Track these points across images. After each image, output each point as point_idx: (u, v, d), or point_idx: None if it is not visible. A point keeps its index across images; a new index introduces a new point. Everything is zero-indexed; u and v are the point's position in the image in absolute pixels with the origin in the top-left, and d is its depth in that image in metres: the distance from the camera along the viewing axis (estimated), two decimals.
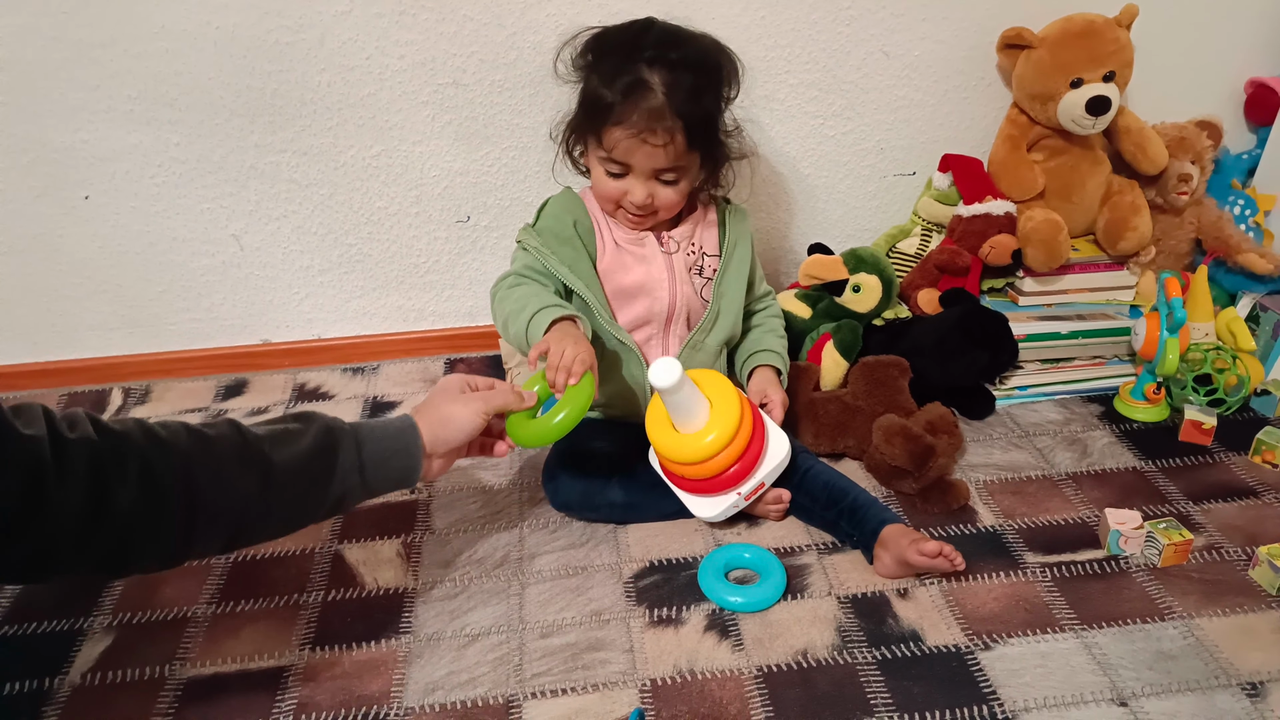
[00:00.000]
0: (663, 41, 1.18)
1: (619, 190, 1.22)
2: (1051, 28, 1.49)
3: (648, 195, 1.21)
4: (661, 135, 1.15)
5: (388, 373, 1.69)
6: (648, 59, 1.15)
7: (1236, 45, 1.65)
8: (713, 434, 1.14)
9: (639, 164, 1.19)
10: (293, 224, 1.60)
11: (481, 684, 1.04)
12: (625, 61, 1.16)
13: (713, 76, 1.21)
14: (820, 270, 1.52)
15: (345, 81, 1.48)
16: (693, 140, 1.18)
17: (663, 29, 1.21)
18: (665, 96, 1.14)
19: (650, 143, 1.16)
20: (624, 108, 1.15)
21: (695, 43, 1.21)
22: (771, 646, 1.07)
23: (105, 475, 0.82)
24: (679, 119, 1.15)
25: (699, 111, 1.17)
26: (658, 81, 1.14)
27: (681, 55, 1.17)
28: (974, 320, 1.44)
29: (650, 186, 1.21)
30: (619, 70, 1.16)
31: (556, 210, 1.29)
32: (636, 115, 1.15)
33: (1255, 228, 1.63)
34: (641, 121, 1.15)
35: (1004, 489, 1.33)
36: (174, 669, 1.08)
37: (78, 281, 1.61)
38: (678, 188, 1.23)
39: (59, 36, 1.40)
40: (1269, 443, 1.34)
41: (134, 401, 1.63)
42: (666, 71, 1.15)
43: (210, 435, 0.92)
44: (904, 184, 1.71)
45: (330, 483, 0.97)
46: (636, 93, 1.14)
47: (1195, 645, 1.06)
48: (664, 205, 1.24)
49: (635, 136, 1.16)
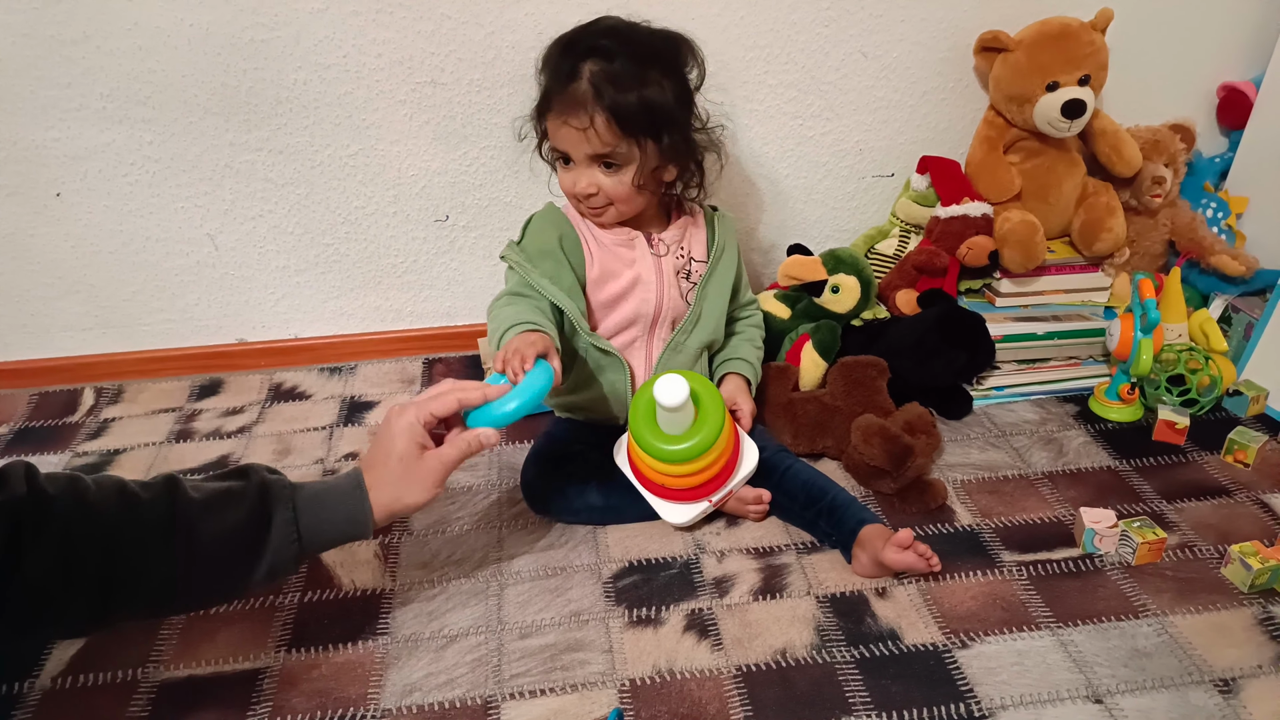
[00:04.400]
0: (602, 32, 1.20)
1: (569, 181, 1.24)
2: (1028, 31, 1.50)
3: (590, 183, 1.21)
4: (582, 118, 1.16)
5: (365, 373, 1.68)
6: (583, 50, 1.18)
7: (1209, 50, 1.67)
8: (703, 448, 1.15)
9: (571, 149, 1.20)
10: (269, 223, 1.59)
11: (460, 685, 1.04)
12: (564, 53, 1.19)
13: (652, 62, 1.20)
14: (799, 271, 1.52)
15: (321, 80, 1.47)
16: (624, 125, 1.17)
17: (610, 23, 1.22)
18: (590, 82, 1.16)
19: (572, 125, 1.17)
20: (554, 95, 1.18)
21: (638, 33, 1.22)
22: (750, 646, 1.08)
23: (20, 539, 0.80)
24: (602, 102, 1.16)
25: (629, 97, 1.17)
26: (586, 69, 1.16)
27: (616, 43, 1.18)
28: (951, 321, 1.45)
29: (591, 174, 1.21)
30: (558, 62, 1.19)
31: (540, 225, 1.29)
32: (561, 100, 1.17)
33: (1228, 230, 1.65)
34: (566, 105, 1.17)
35: (981, 488, 1.33)
36: (148, 672, 1.06)
37: (50, 281, 1.59)
38: (620, 177, 1.21)
39: (30, 33, 1.39)
40: (1241, 442, 1.36)
41: (106, 402, 1.61)
42: (596, 58, 1.17)
43: (142, 501, 0.88)
44: (882, 185, 1.71)
45: (261, 556, 0.93)
46: (567, 81, 1.17)
47: (1169, 642, 1.07)
48: (614, 196, 1.23)
49: (561, 120, 1.18)
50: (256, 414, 1.57)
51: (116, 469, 1.43)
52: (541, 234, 1.27)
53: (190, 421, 1.55)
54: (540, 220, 1.30)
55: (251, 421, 1.55)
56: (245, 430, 1.52)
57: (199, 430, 1.53)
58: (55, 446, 1.50)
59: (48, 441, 1.51)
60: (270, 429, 1.52)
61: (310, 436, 1.50)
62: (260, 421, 1.55)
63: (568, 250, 1.26)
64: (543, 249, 1.26)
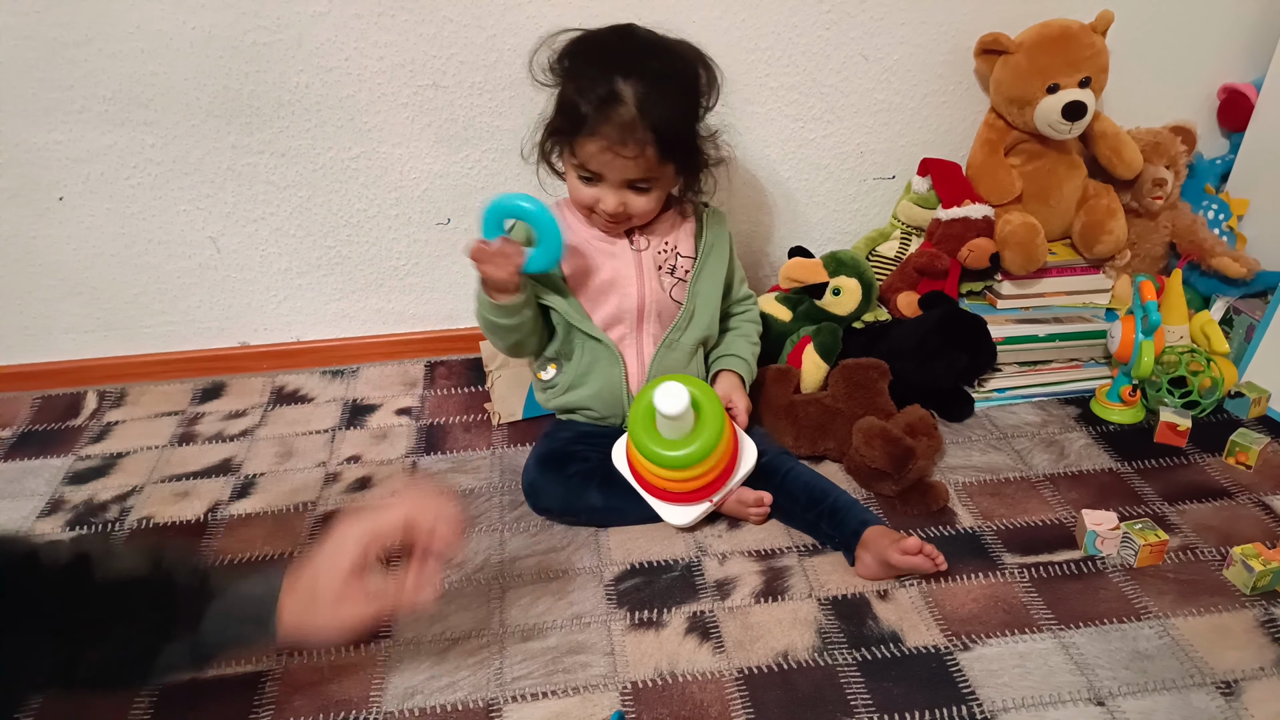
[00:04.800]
0: (638, 51, 1.18)
1: (592, 197, 1.23)
2: (1028, 33, 1.50)
3: (619, 204, 1.22)
4: (633, 148, 1.15)
5: (367, 375, 1.68)
6: (622, 70, 1.15)
7: (1210, 52, 1.67)
8: (703, 453, 1.15)
9: (611, 175, 1.19)
10: (271, 226, 1.59)
11: (461, 688, 1.04)
12: (600, 72, 1.16)
13: (688, 86, 1.21)
14: (800, 273, 1.52)
15: (323, 83, 1.47)
16: (665, 151, 1.18)
17: (640, 37, 1.21)
18: (638, 110, 1.14)
19: (622, 155, 1.16)
20: (596, 120, 1.15)
21: (671, 52, 1.21)
22: (752, 648, 1.08)
23: None
24: (650, 132, 1.15)
25: (672, 123, 1.17)
26: (630, 94, 1.14)
27: (657, 66, 1.17)
28: (953, 323, 1.45)
29: (622, 195, 1.22)
30: (594, 81, 1.15)
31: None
32: (608, 128, 1.15)
33: (1229, 232, 1.64)
34: (614, 134, 1.15)
35: (983, 490, 1.33)
36: None
37: (52, 284, 1.60)
38: (650, 195, 1.23)
39: (32, 35, 1.39)
40: (1243, 444, 1.36)
41: (109, 405, 1.61)
42: (640, 83, 1.14)
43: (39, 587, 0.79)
44: (883, 187, 1.71)
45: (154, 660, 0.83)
46: (610, 106, 1.14)
47: (1171, 645, 1.07)
48: (638, 212, 1.24)
49: (607, 149, 1.16)
50: (259, 417, 1.57)
51: (119, 472, 1.44)
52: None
53: (193, 425, 1.55)
54: None
55: (254, 425, 1.55)
56: (247, 433, 1.52)
57: (201, 433, 1.53)
58: (58, 450, 1.50)
59: (50, 445, 1.51)
60: (272, 432, 1.53)
61: (312, 439, 1.50)
62: (262, 424, 1.55)
63: None
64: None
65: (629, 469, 1.24)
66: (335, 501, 1.35)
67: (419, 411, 1.57)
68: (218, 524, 1.31)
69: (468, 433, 1.51)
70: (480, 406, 1.57)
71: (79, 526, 1.32)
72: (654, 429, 1.17)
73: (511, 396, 1.54)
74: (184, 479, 1.42)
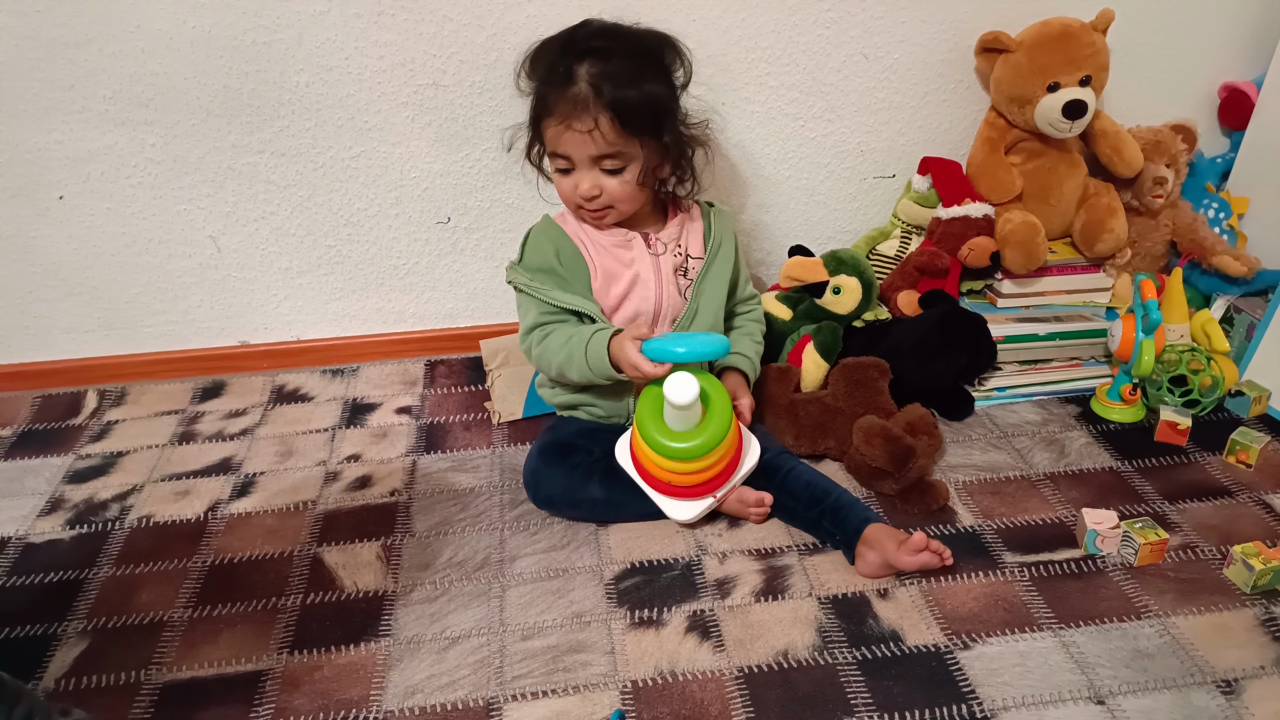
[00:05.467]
0: (591, 35, 1.21)
1: (570, 186, 1.24)
2: (1029, 32, 1.50)
3: (593, 186, 1.23)
4: (586, 121, 1.17)
5: (367, 375, 1.69)
6: (575, 53, 1.18)
7: (1210, 50, 1.67)
8: (710, 445, 1.15)
9: (574, 153, 1.21)
10: (271, 225, 1.59)
11: (462, 687, 1.04)
12: (557, 58, 1.20)
13: (646, 61, 1.22)
14: (800, 272, 1.52)
15: (323, 82, 1.47)
16: (626, 124, 1.19)
17: (597, 25, 1.24)
18: (589, 83, 1.16)
19: (576, 129, 1.18)
20: (553, 100, 1.18)
21: (627, 33, 1.23)
22: (752, 647, 1.08)
23: None
24: (603, 103, 1.17)
25: (630, 95, 1.18)
26: (584, 71, 1.17)
27: (607, 44, 1.19)
28: (953, 322, 1.45)
29: (594, 177, 1.22)
30: (552, 67, 1.20)
31: (538, 242, 1.30)
32: (564, 105, 1.17)
33: (1229, 230, 1.64)
34: (568, 109, 1.17)
35: (983, 489, 1.33)
36: (150, 674, 1.07)
37: (52, 283, 1.60)
38: (622, 177, 1.23)
39: (32, 35, 1.39)
40: (1243, 443, 1.36)
41: (109, 404, 1.61)
42: (593, 60, 1.17)
43: None
44: (884, 186, 1.71)
45: None
46: (564, 84, 1.17)
47: (1171, 643, 1.07)
48: (616, 197, 1.24)
49: (563, 124, 1.18)
50: (259, 416, 1.57)
51: (119, 471, 1.44)
52: (539, 252, 1.28)
53: (193, 424, 1.56)
54: (536, 236, 1.31)
55: (254, 424, 1.55)
56: (248, 432, 1.52)
57: (201, 432, 1.53)
58: (58, 449, 1.50)
59: (51, 444, 1.51)
60: (272, 431, 1.53)
61: (312, 438, 1.50)
62: (263, 424, 1.55)
63: (565, 264, 1.27)
64: (541, 266, 1.28)
65: (632, 463, 1.24)
66: (335, 500, 1.35)
67: (419, 410, 1.57)
68: (218, 522, 1.32)
69: (468, 431, 1.51)
70: (480, 405, 1.57)
71: (79, 525, 1.32)
72: (661, 420, 1.17)
73: (511, 395, 1.54)
74: (184, 478, 1.42)
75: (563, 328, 1.26)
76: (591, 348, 1.20)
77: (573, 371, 1.24)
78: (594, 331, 1.22)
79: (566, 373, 1.25)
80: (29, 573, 1.24)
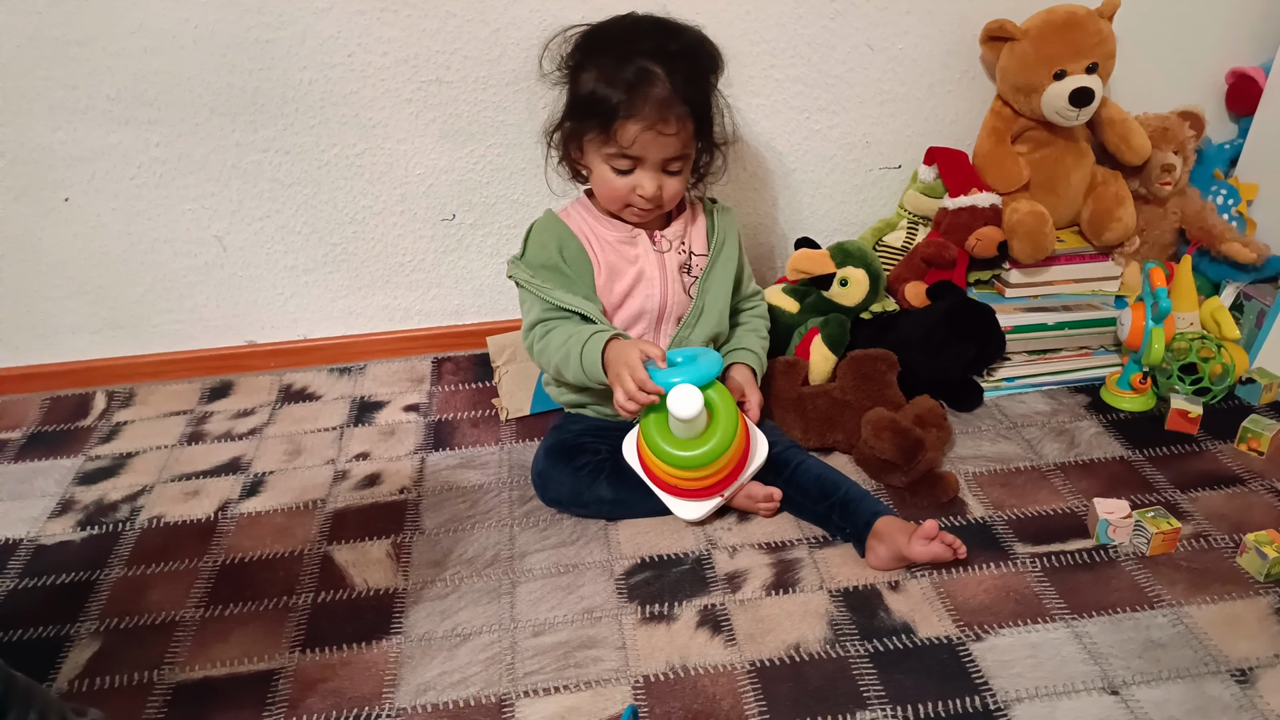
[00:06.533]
0: (654, 32, 1.20)
1: (627, 186, 1.22)
2: (1034, 20, 1.49)
3: (658, 187, 1.22)
4: (674, 124, 1.17)
5: (374, 372, 1.69)
6: (645, 51, 1.17)
7: (1217, 36, 1.66)
8: (716, 453, 1.15)
9: (652, 156, 1.20)
10: (276, 223, 1.59)
11: (474, 683, 1.04)
12: (623, 56, 1.17)
13: (706, 63, 1.23)
14: (807, 264, 1.51)
15: (327, 79, 1.47)
16: (702, 127, 1.21)
17: (651, 21, 1.23)
18: (672, 86, 1.16)
19: (663, 132, 1.17)
20: (633, 103, 1.15)
21: (685, 32, 1.23)
22: (763, 641, 1.07)
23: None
24: (686, 106, 1.17)
25: (701, 98, 1.20)
26: (661, 72, 1.16)
27: (677, 45, 1.19)
28: (961, 313, 1.45)
29: (659, 178, 1.22)
30: (618, 66, 1.16)
31: (541, 239, 1.29)
32: (648, 107, 1.16)
33: (1238, 217, 1.64)
34: (654, 113, 1.16)
35: (993, 480, 1.33)
36: (163, 673, 1.07)
37: (58, 283, 1.60)
38: (681, 177, 1.24)
39: (35, 35, 1.39)
40: (1255, 430, 1.35)
41: (118, 405, 1.61)
42: (667, 61, 1.16)
43: None
44: (890, 177, 1.71)
45: None
46: (644, 86, 1.15)
47: (1184, 633, 1.06)
48: (672, 197, 1.25)
49: (649, 128, 1.17)
50: (267, 415, 1.57)
51: (129, 472, 1.44)
52: (542, 247, 1.28)
53: (201, 424, 1.56)
54: (539, 231, 1.30)
55: (262, 423, 1.55)
56: (256, 432, 1.53)
57: (210, 432, 1.53)
58: (68, 451, 1.50)
59: (60, 446, 1.51)
60: (281, 430, 1.53)
61: (321, 437, 1.50)
62: (271, 423, 1.55)
63: (569, 260, 1.27)
64: (544, 263, 1.27)
65: (639, 463, 1.24)
66: (344, 499, 1.35)
67: (427, 408, 1.57)
68: (228, 522, 1.32)
69: (476, 428, 1.51)
70: (488, 402, 1.57)
71: (89, 527, 1.32)
72: (667, 429, 1.17)
73: (519, 391, 1.54)
74: (193, 478, 1.42)
75: (564, 325, 1.25)
76: (587, 351, 1.19)
77: (568, 372, 1.23)
78: (591, 333, 1.20)
79: (563, 372, 1.25)
80: (41, 574, 1.24)
